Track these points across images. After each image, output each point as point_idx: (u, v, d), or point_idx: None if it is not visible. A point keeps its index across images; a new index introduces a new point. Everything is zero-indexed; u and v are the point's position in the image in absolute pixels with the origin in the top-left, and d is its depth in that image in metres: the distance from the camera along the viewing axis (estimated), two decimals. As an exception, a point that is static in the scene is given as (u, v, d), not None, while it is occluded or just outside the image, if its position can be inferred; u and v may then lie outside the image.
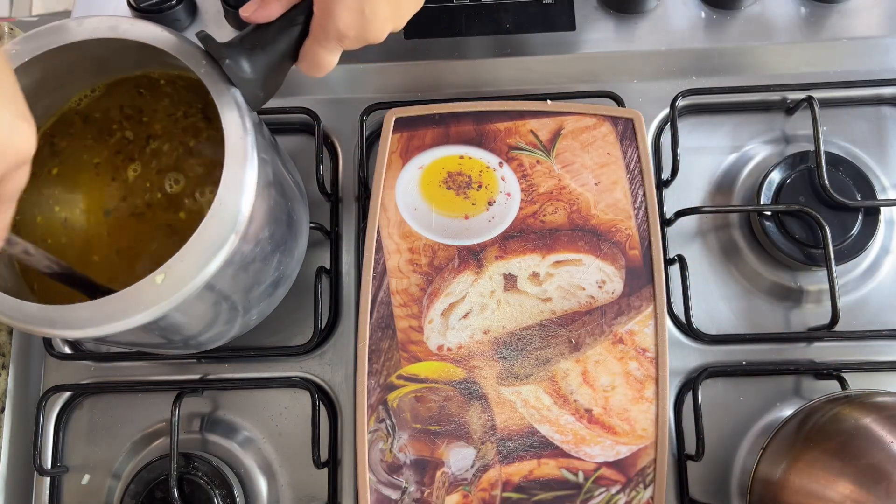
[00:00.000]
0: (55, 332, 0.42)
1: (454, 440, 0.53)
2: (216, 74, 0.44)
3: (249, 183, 0.43)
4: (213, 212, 0.42)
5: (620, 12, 0.65)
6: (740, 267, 0.60)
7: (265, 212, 0.46)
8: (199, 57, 0.44)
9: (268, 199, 0.46)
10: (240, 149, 0.43)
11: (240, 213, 0.42)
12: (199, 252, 0.42)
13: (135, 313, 0.41)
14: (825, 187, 0.58)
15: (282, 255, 0.52)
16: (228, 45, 0.45)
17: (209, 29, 0.65)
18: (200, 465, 0.55)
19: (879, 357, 0.58)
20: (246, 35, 0.46)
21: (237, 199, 0.42)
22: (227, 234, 0.42)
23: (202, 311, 0.47)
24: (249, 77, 0.45)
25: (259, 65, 0.45)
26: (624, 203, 0.57)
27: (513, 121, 0.59)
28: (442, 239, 0.57)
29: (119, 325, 0.41)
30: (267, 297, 0.54)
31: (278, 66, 0.47)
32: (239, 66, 0.44)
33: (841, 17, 0.64)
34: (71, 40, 0.45)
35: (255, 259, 0.47)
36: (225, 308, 0.48)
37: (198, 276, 0.41)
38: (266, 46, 0.45)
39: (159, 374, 0.60)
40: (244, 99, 0.45)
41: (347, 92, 0.64)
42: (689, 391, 0.57)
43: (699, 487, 0.56)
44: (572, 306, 0.55)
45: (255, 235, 0.46)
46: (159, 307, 0.41)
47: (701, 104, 0.63)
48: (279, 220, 0.49)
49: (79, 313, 0.41)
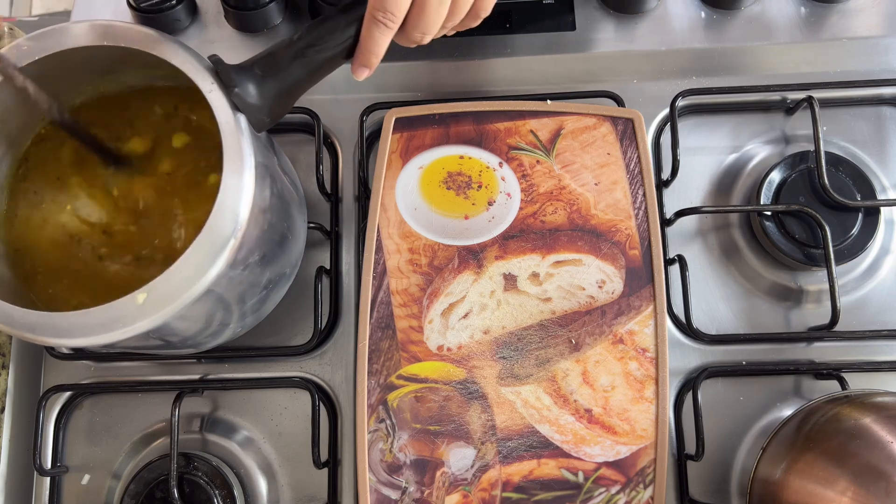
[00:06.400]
0: (35, 338, 0.42)
1: (454, 440, 0.53)
2: (224, 98, 0.44)
3: (244, 208, 0.43)
4: (205, 231, 0.42)
5: (620, 12, 0.65)
6: (740, 267, 0.60)
7: (258, 233, 0.46)
8: (209, 77, 0.44)
9: (262, 222, 0.46)
10: (237, 177, 0.43)
11: (233, 233, 0.43)
12: (186, 271, 0.42)
13: (116, 328, 0.41)
14: (825, 187, 0.58)
15: (275, 265, 0.52)
16: (238, 70, 0.45)
17: (209, 29, 0.65)
18: (200, 465, 0.55)
19: (879, 357, 0.58)
20: (258, 60, 0.46)
21: (232, 219, 0.43)
22: (218, 253, 0.42)
23: (197, 316, 0.47)
24: (256, 104, 0.45)
25: (267, 92, 0.45)
26: (624, 203, 0.57)
27: (513, 121, 0.59)
28: (442, 239, 0.57)
29: (100, 338, 0.41)
30: (260, 305, 0.54)
31: (288, 93, 0.47)
32: (247, 92, 0.44)
33: (841, 17, 0.64)
34: (79, 44, 0.45)
35: (246, 275, 0.47)
36: (218, 315, 0.49)
37: (183, 294, 0.42)
38: (277, 74, 0.46)
39: (159, 374, 0.60)
40: (249, 123, 0.45)
41: (347, 92, 0.64)
42: (689, 391, 0.57)
43: (699, 487, 0.56)
44: (572, 306, 0.55)
45: (246, 256, 0.46)
46: (145, 322, 0.41)
47: (701, 104, 0.63)
48: (273, 235, 0.49)
49: (60, 322, 0.41)
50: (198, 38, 0.65)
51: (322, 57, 0.47)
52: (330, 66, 0.48)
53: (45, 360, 0.60)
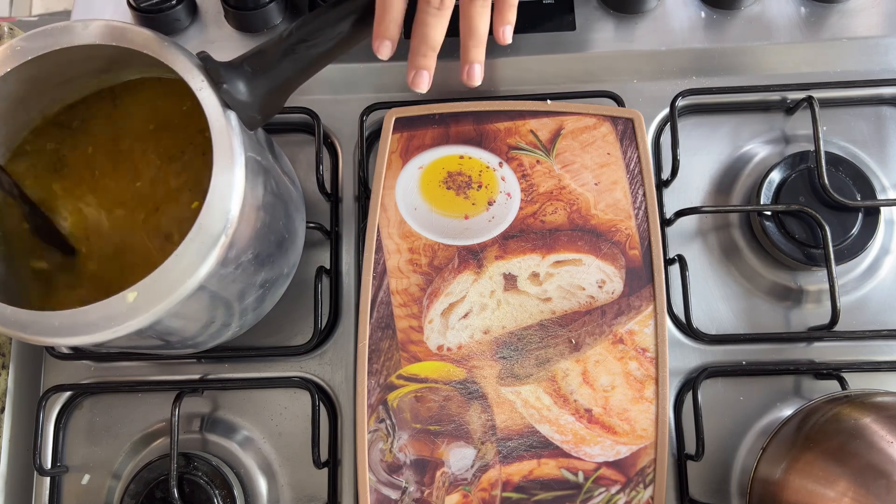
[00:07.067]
0: (27, 337, 0.42)
1: (454, 440, 0.53)
2: (213, 96, 0.44)
3: (234, 206, 0.43)
4: (195, 230, 0.42)
5: (620, 12, 0.65)
6: (740, 267, 0.60)
7: (251, 232, 0.46)
8: (199, 75, 0.44)
9: (255, 220, 0.46)
10: (227, 175, 0.43)
11: (223, 231, 0.43)
12: (176, 270, 0.42)
13: (107, 327, 0.41)
14: (825, 187, 0.58)
15: (271, 265, 0.52)
16: (228, 67, 0.45)
17: (209, 29, 0.65)
18: (200, 465, 0.55)
19: (879, 357, 0.58)
20: (248, 57, 0.46)
21: (222, 217, 0.43)
22: (209, 251, 0.42)
23: (188, 318, 0.47)
24: (246, 101, 0.45)
25: (258, 89, 0.45)
26: (624, 203, 0.57)
27: (513, 121, 0.59)
28: (442, 239, 0.57)
29: (92, 337, 0.41)
30: (258, 304, 0.54)
31: (279, 90, 0.46)
32: (236, 89, 0.44)
33: (841, 17, 0.64)
34: (73, 43, 0.45)
35: (239, 274, 0.47)
36: (215, 313, 0.49)
37: (173, 293, 0.42)
38: (268, 71, 0.45)
39: (159, 374, 0.60)
40: (240, 120, 0.45)
41: (347, 92, 0.64)
42: (689, 391, 0.57)
43: (699, 487, 0.56)
44: (572, 306, 0.55)
45: (238, 255, 0.46)
46: (136, 321, 0.41)
47: (701, 104, 0.63)
48: (268, 234, 0.49)
49: (51, 321, 0.41)
50: (198, 38, 0.65)
51: (314, 53, 0.46)
52: (322, 62, 0.48)
53: (45, 360, 0.60)
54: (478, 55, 0.49)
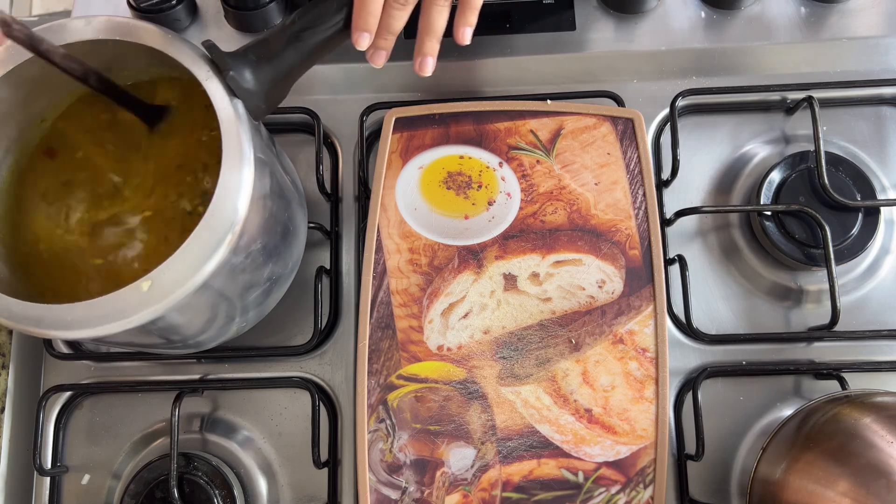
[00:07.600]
0: (41, 332, 0.42)
1: (454, 440, 0.53)
2: (219, 84, 0.44)
3: (244, 195, 0.43)
4: (206, 218, 0.42)
5: (620, 12, 0.65)
6: (740, 267, 0.60)
7: (259, 221, 0.46)
8: (204, 65, 0.44)
9: (262, 210, 0.46)
10: (236, 164, 0.43)
11: (234, 220, 0.43)
12: (189, 258, 0.42)
13: (120, 318, 0.41)
14: (825, 187, 0.58)
15: (277, 258, 0.52)
16: (233, 56, 0.45)
17: (209, 29, 0.66)
18: (200, 465, 0.55)
19: (879, 357, 0.58)
20: (252, 46, 0.46)
21: (232, 206, 0.43)
22: (220, 240, 0.42)
23: (196, 312, 0.47)
24: (252, 89, 0.45)
25: (263, 77, 0.46)
26: (624, 203, 0.57)
27: (513, 121, 0.59)
28: (442, 239, 0.57)
29: (107, 328, 0.41)
30: (263, 299, 0.54)
31: (283, 79, 0.47)
32: (242, 77, 0.45)
33: (841, 17, 0.64)
34: (76, 39, 0.45)
35: (248, 264, 0.47)
36: (221, 308, 0.48)
37: (188, 281, 0.41)
38: (272, 59, 0.46)
39: (159, 374, 0.60)
40: (246, 109, 0.45)
41: (347, 92, 0.64)
42: (689, 391, 0.57)
43: (699, 487, 0.56)
44: (572, 306, 0.55)
45: (248, 244, 0.46)
46: (150, 311, 0.41)
47: (701, 104, 0.63)
48: (275, 225, 0.49)
49: (62, 314, 0.41)
50: (198, 38, 0.65)
51: (316, 40, 0.47)
52: (324, 48, 0.48)
53: (45, 360, 0.60)
54: (431, 49, 0.52)
